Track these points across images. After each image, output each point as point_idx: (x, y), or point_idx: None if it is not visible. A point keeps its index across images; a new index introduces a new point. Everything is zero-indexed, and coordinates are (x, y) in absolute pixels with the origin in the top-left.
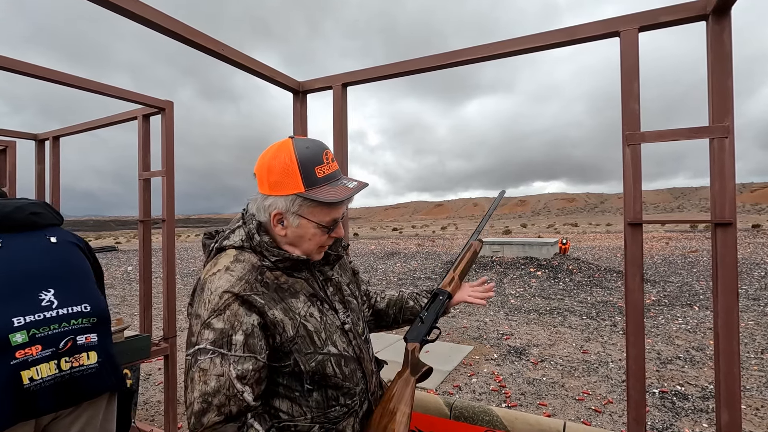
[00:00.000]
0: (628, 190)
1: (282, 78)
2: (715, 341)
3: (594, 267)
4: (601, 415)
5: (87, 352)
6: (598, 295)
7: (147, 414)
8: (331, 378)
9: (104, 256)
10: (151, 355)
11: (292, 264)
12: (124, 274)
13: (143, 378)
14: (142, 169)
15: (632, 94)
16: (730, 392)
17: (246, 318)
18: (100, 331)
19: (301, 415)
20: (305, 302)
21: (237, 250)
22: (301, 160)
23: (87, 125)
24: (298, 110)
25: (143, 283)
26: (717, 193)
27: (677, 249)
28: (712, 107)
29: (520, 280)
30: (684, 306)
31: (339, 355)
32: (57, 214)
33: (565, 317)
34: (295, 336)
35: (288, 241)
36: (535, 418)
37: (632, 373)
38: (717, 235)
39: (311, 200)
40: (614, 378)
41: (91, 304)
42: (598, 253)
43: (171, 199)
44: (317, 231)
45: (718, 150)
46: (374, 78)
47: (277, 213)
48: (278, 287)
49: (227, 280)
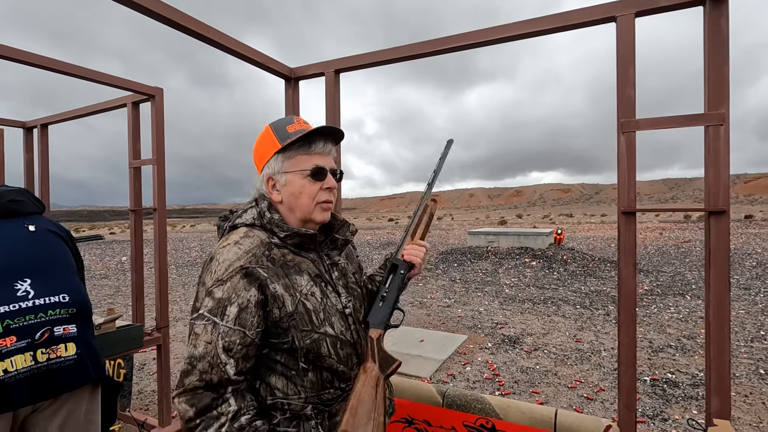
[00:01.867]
0: (622, 179)
1: (273, 64)
2: (706, 328)
3: (588, 257)
4: (593, 403)
5: (65, 343)
6: (592, 285)
7: (142, 403)
8: (325, 358)
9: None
10: (144, 344)
11: (300, 240)
12: (119, 264)
13: (138, 368)
14: (132, 157)
15: (628, 80)
16: (720, 379)
17: (244, 293)
18: (79, 322)
19: (295, 394)
20: (308, 281)
21: (248, 227)
22: (274, 126)
23: (76, 112)
24: (290, 97)
25: (135, 273)
26: (711, 181)
27: (670, 239)
28: (708, 94)
29: (515, 270)
30: (676, 295)
31: (335, 337)
32: (38, 202)
33: (559, 306)
34: (294, 312)
35: (287, 207)
36: (527, 406)
37: (623, 361)
38: (710, 224)
39: (286, 150)
40: (606, 366)
41: (70, 295)
42: (592, 243)
43: (162, 188)
44: (305, 181)
45: (713, 138)
46: (367, 64)
47: (268, 178)
48: (284, 264)
49: (234, 253)
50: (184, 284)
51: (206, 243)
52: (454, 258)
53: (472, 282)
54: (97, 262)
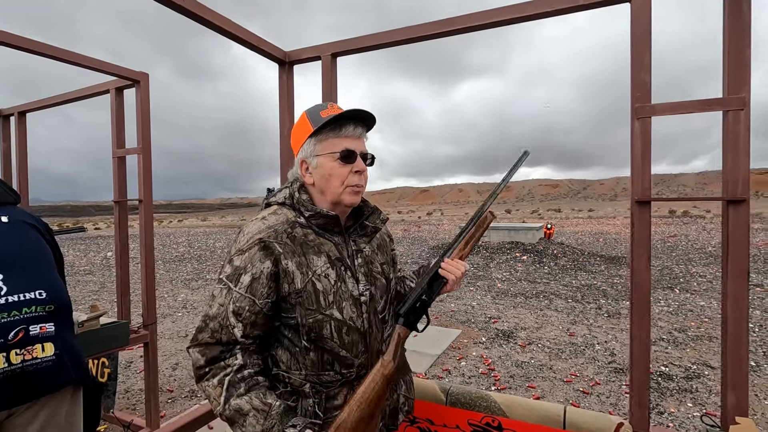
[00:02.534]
0: (636, 167)
1: (267, 47)
2: (722, 323)
3: (578, 251)
4: (589, 397)
5: (42, 343)
6: (583, 279)
7: (128, 403)
8: (327, 340)
9: (83, 241)
10: (129, 342)
11: (324, 222)
12: (104, 260)
13: (125, 365)
14: (116, 146)
15: (643, 64)
16: (736, 374)
17: (258, 264)
18: (58, 320)
19: (296, 370)
20: (325, 263)
21: (278, 206)
22: (309, 113)
23: (56, 99)
24: (284, 83)
25: (120, 268)
26: (729, 169)
27: (656, 234)
28: (727, 78)
29: (506, 264)
30: (665, 289)
31: (342, 321)
32: (13, 192)
33: (551, 300)
34: (302, 290)
35: (318, 190)
36: (534, 403)
37: (637, 357)
38: (729, 214)
39: (318, 133)
40: (600, 360)
41: (47, 291)
42: (581, 238)
43: (148, 179)
44: (335, 164)
45: (732, 123)
46: (366, 48)
47: (302, 161)
48: (304, 243)
49: (258, 227)
50: (172, 280)
51: (194, 238)
52: None
53: (464, 276)
54: (81, 258)
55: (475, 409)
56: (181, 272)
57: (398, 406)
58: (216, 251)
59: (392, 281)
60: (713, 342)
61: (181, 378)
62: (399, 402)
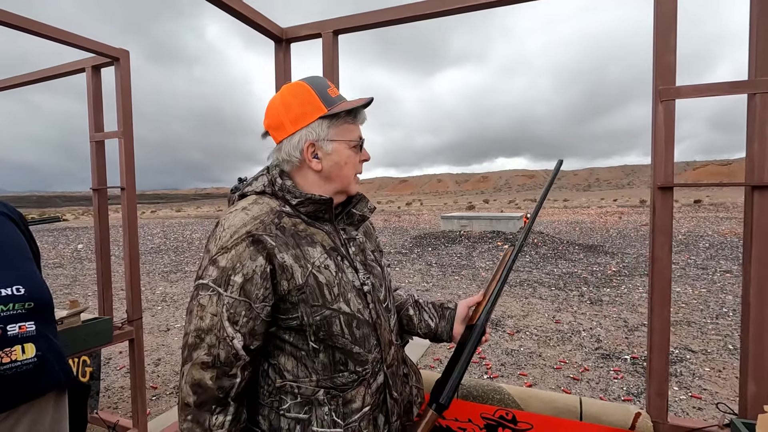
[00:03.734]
0: (659, 152)
1: (262, 21)
2: (743, 309)
3: (557, 240)
4: (579, 383)
5: (22, 344)
6: (564, 267)
7: (109, 401)
8: (338, 338)
9: (50, 233)
10: (114, 340)
11: (315, 208)
12: (74, 252)
13: (103, 363)
14: (93, 130)
15: (668, 45)
16: (758, 363)
17: (249, 262)
18: (38, 318)
19: (306, 377)
20: (322, 253)
21: (258, 195)
22: (314, 86)
23: (25, 78)
24: (281, 62)
25: (101, 260)
26: (756, 153)
27: (629, 223)
28: (755, 59)
29: (489, 253)
30: (642, 276)
31: (351, 315)
32: None
33: (535, 288)
34: (304, 285)
35: (325, 176)
36: (549, 395)
37: (656, 345)
38: (753, 199)
39: (335, 117)
40: (587, 346)
41: (25, 286)
42: (557, 227)
43: (131, 164)
44: (351, 152)
45: (761, 106)
46: (370, 25)
47: (309, 144)
48: (295, 233)
49: (241, 219)
50: (149, 272)
51: (170, 229)
52: (428, 242)
53: (449, 266)
54: (50, 250)
55: (487, 402)
56: (158, 264)
57: (412, 398)
58: (194, 242)
59: (386, 269)
60: (692, 327)
61: (165, 374)
62: (413, 395)
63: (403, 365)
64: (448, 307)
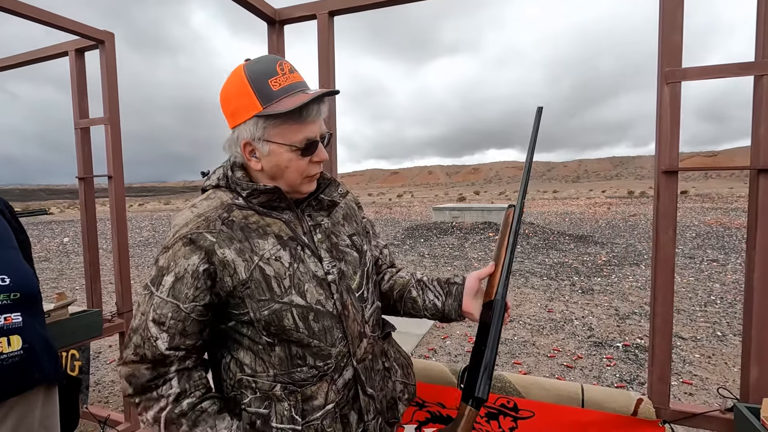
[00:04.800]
0: (664, 135)
1: (255, 1)
2: (746, 293)
3: (548, 231)
4: (573, 371)
5: (7, 336)
6: (555, 257)
7: (100, 396)
8: (291, 332)
9: (36, 226)
10: (103, 332)
11: (267, 198)
12: (60, 246)
13: (92, 357)
14: (78, 116)
15: (675, 24)
16: (761, 347)
17: (183, 261)
18: (25, 309)
19: (263, 371)
20: (274, 244)
21: (214, 188)
22: (252, 76)
23: (3, 63)
24: (274, 45)
25: (89, 251)
26: (762, 136)
27: (618, 214)
28: (763, 41)
29: (481, 244)
30: (632, 265)
31: (307, 307)
32: None
33: (527, 278)
34: (249, 279)
35: (268, 175)
36: (550, 382)
37: (659, 331)
38: (759, 183)
39: (273, 117)
40: (580, 335)
41: (11, 277)
42: (547, 218)
43: (118, 152)
44: (292, 155)
45: (767, 89)
46: (367, 5)
47: (245, 143)
48: (245, 227)
49: (184, 218)
50: (138, 266)
51: (158, 222)
52: (420, 233)
53: (441, 257)
54: (35, 244)
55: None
56: (147, 257)
57: (396, 395)
58: None
59: (367, 253)
60: (680, 314)
61: None
62: (396, 390)
63: (383, 359)
64: (454, 282)
